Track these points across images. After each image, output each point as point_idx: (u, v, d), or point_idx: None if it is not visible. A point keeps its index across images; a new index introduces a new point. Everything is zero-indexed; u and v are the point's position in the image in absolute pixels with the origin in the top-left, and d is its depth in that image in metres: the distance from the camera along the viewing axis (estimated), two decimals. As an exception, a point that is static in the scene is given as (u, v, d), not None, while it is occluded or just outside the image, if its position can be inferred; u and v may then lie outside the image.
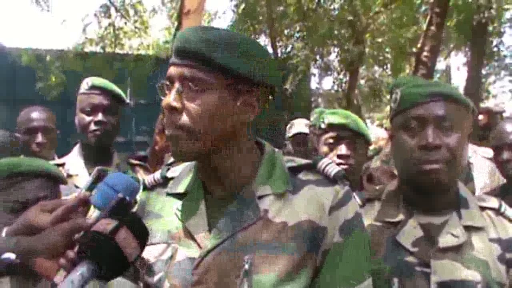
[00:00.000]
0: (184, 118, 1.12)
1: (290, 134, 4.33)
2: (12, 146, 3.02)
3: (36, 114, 2.99)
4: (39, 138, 2.94)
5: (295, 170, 1.24)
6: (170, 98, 1.12)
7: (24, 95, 10.71)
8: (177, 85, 1.13)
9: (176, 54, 1.15)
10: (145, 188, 1.35)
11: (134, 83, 11.52)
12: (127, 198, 1.04)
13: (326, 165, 1.23)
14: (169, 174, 1.34)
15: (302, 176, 1.23)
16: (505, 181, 2.83)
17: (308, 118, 4.34)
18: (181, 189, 1.27)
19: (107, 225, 0.93)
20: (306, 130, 4.11)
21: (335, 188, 1.20)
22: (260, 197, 1.17)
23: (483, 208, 1.55)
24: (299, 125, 4.31)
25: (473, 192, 2.77)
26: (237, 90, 1.15)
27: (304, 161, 1.26)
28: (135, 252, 0.95)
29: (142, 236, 0.98)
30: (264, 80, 1.18)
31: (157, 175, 1.35)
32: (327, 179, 1.22)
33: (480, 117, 4.98)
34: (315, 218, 1.16)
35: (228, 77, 1.13)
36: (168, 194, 1.29)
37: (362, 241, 1.22)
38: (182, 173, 1.31)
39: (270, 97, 1.23)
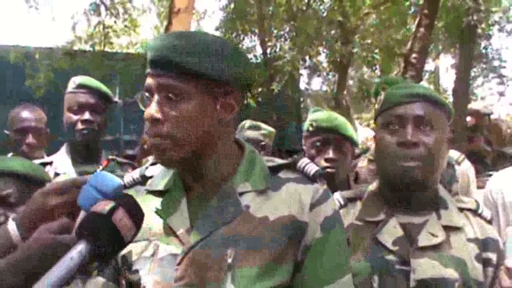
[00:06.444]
0: (167, 128, 1.14)
1: None
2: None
3: (27, 114, 2.94)
4: (30, 138, 2.91)
5: (275, 170, 1.27)
6: (152, 110, 1.14)
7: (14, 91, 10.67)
8: (156, 95, 1.15)
9: (150, 65, 1.17)
10: (124, 187, 1.35)
11: (123, 81, 11.49)
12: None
13: (306, 164, 1.27)
14: (148, 173, 1.35)
15: (282, 174, 1.26)
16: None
17: (297, 118, 4.27)
18: (161, 186, 1.28)
19: (105, 206, 0.96)
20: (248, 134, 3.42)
21: (315, 186, 1.23)
22: (241, 194, 1.20)
23: (461, 209, 1.61)
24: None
25: (457, 193, 2.80)
26: (215, 94, 1.17)
27: (283, 161, 1.30)
28: (131, 233, 0.98)
29: (138, 217, 1.01)
30: (241, 80, 1.21)
31: (136, 174, 1.37)
32: (306, 177, 1.25)
33: (468, 118, 4.96)
34: (296, 213, 1.18)
35: (203, 82, 1.15)
36: (148, 192, 1.30)
37: (342, 237, 1.25)
38: (161, 172, 1.32)
39: (259, 98, 1.26)
